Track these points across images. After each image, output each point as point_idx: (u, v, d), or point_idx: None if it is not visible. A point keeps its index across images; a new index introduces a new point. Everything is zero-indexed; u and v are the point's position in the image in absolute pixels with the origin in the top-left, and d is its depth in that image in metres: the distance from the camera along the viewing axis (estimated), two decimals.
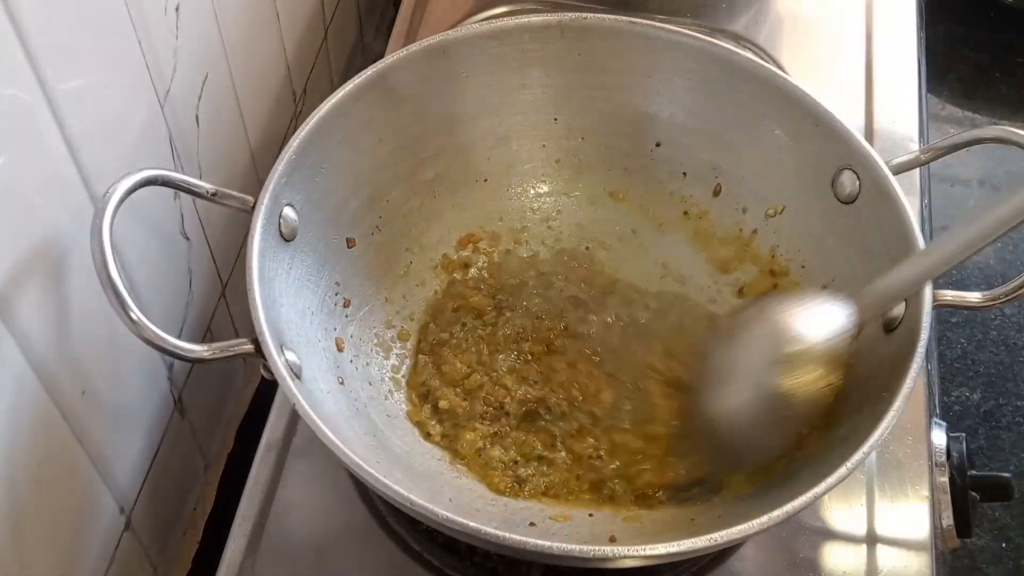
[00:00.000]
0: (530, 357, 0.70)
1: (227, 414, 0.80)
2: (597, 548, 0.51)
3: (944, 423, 0.72)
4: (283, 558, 0.64)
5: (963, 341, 1.13)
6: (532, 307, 0.72)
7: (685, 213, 0.75)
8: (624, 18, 0.71)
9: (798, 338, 0.58)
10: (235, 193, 0.60)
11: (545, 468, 0.65)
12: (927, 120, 0.89)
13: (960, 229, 0.54)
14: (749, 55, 0.70)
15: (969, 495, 0.69)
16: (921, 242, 0.61)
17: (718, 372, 0.63)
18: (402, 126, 0.70)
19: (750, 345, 0.61)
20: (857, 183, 0.65)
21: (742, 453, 0.62)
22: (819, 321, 0.59)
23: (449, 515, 0.50)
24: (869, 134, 0.85)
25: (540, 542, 0.50)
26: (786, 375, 0.58)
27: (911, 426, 0.70)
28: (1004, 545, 1.02)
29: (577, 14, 0.71)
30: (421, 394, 0.68)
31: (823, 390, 0.58)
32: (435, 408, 0.68)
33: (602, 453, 0.66)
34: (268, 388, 0.75)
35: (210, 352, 0.54)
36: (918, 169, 0.70)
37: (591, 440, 0.66)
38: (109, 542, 0.62)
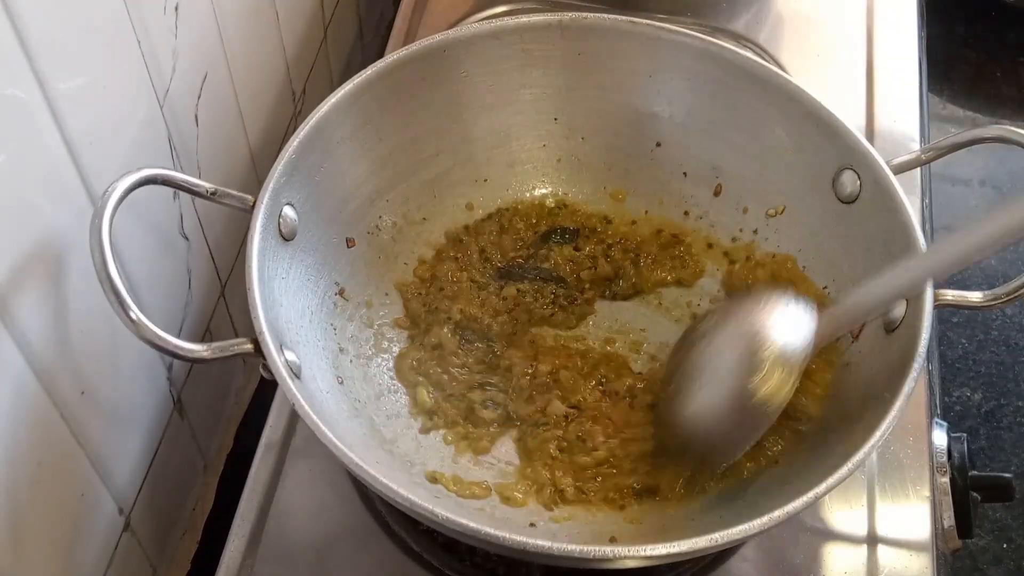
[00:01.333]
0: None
1: (226, 414, 0.80)
2: (597, 548, 0.51)
3: (945, 423, 0.72)
4: (282, 559, 0.64)
5: (964, 341, 1.13)
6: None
7: (686, 213, 0.75)
8: (624, 17, 0.71)
9: (772, 344, 0.58)
10: (235, 192, 0.59)
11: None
12: (928, 120, 0.89)
13: (949, 241, 0.55)
14: (750, 55, 0.70)
15: (970, 495, 0.69)
16: (922, 242, 0.61)
17: (691, 377, 0.62)
18: (402, 126, 0.70)
19: (723, 351, 0.61)
20: (858, 183, 0.65)
21: (715, 455, 0.62)
22: (790, 327, 0.59)
23: (449, 515, 0.50)
24: (870, 134, 0.84)
25: (540, 542, 0.50)
26: (759, 379, 0.58)
27: (912, 426, 0.70)
28: (1005, 546, 1.02)
29: (577, 14, 0.71)
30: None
31: (787, 392, 0.58)
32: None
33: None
34: (267, 388, 0.75)
35: (210, 352, 0.54)
36: (919, 169, 0.70)
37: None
38: (108, 543, 0.62)
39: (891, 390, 0.55)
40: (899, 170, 0.64)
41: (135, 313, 0.51)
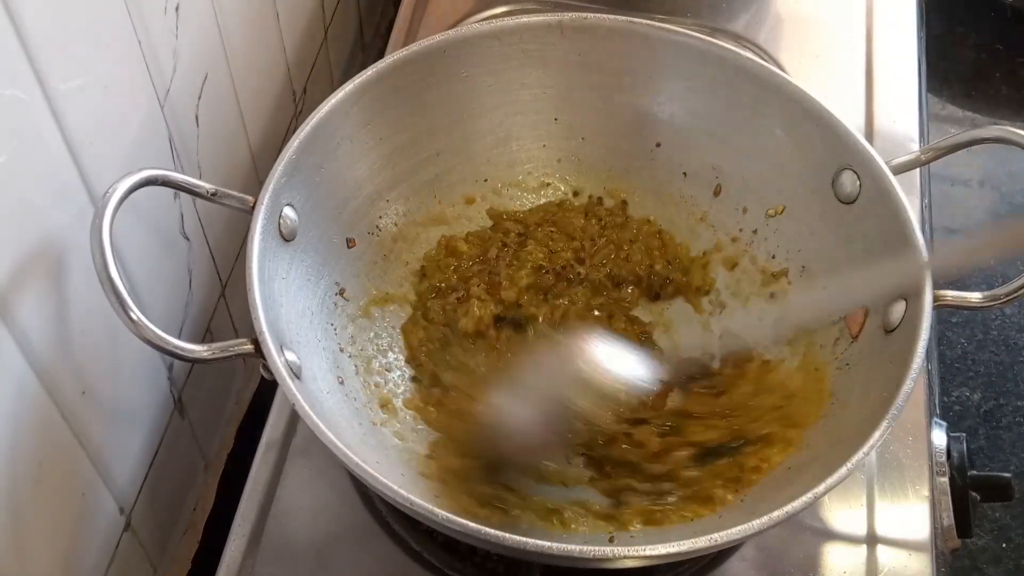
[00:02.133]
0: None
1: (227, 414, 0.80)
2: (597, 548, 0.51)
3: (944, 423, 0.72)
4: (283, 558, 0.64)
5: (963, 341, 1.13)
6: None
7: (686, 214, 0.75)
8: (624, 18, 0.71)
9: (595, 365, 0.61)
10: (235, 193, 0.60)
11: None
12: (927, 120, 0.89)
13: None
14: (749, 55, 0.70)
15: (969, 495, 0.69)
16: (921, 242, 0.61)
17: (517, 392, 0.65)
18: (402, 126, 0.70)
19: (558, 361, 0.64)
20: (857, 183, 0.65)
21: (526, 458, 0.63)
22: (619, 364, 0.62)
23: (449, 515, 0.50)
24: (869, 134, 0.84)
25: (540, 542, 0.50)
26: (575, 393, 0.61)
27: (911, 426, 0.70)
28: (1004, 545, 1.02)
29: (577, 14, 0.71)
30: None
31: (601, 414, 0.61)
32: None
33: None
34: (268, 388, 0.75)
35: (210, 352, 0.54)
36: (918, 169, 0.70)
37: None
38: (109, 542, 0.62)
39: (890, 390, 0.55)
40: (898, 170, 0.64)
41: (135, 314, 0.52)
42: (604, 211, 0.76)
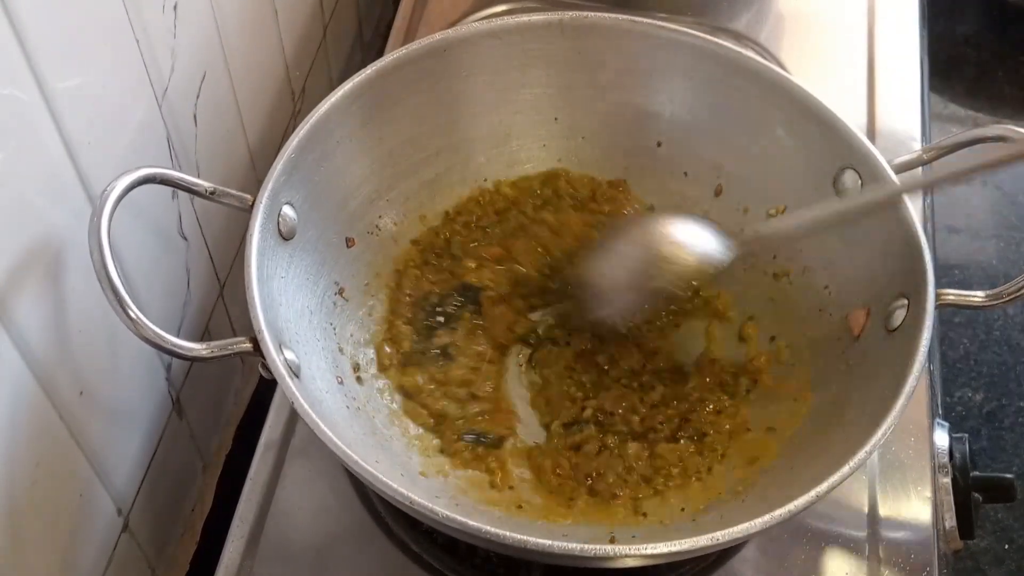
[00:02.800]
0: None
1: (225, 414, 0.80)
2: (598, 547, 0.51)
3: (947, 424, 0.71)
4: (281, 559, 0.64)
5: (966, 341, 1.13)
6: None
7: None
8: (625, 17, 0.71)
9: (679, 244, 0.66)
10: (234, 191, 0.59)
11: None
12: (929, 119, 0.88)
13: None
14: (750, 54, 0.70)
15: (972, 496, 0.69)
16: (924, 241, 0.60)
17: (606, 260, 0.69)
18: (401, 125, 0.70)
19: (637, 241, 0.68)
20: (859, 182, 0.65)
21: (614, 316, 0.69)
22: (697, 238, 0.66)
23: (449, 513, 0.50)
24: (871, 133, 0.84)
25: (541, 540, 0.50)
26: (662, 267, 0.65)
27: (913, 427, 0.69)
28: (1007, 547, 1.02)
29: (578, 13, 0.71)
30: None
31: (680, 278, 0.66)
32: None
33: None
34: (266, 388, 0.75)
35: (208, 350, 0.54)
36: (920, 168, 0.70)
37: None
38: (107, 544, 0.62)
39: (892, 390, 0.55)
40: (900, 169, 0.64)
41: (134, 311, 0.51)
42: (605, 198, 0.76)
